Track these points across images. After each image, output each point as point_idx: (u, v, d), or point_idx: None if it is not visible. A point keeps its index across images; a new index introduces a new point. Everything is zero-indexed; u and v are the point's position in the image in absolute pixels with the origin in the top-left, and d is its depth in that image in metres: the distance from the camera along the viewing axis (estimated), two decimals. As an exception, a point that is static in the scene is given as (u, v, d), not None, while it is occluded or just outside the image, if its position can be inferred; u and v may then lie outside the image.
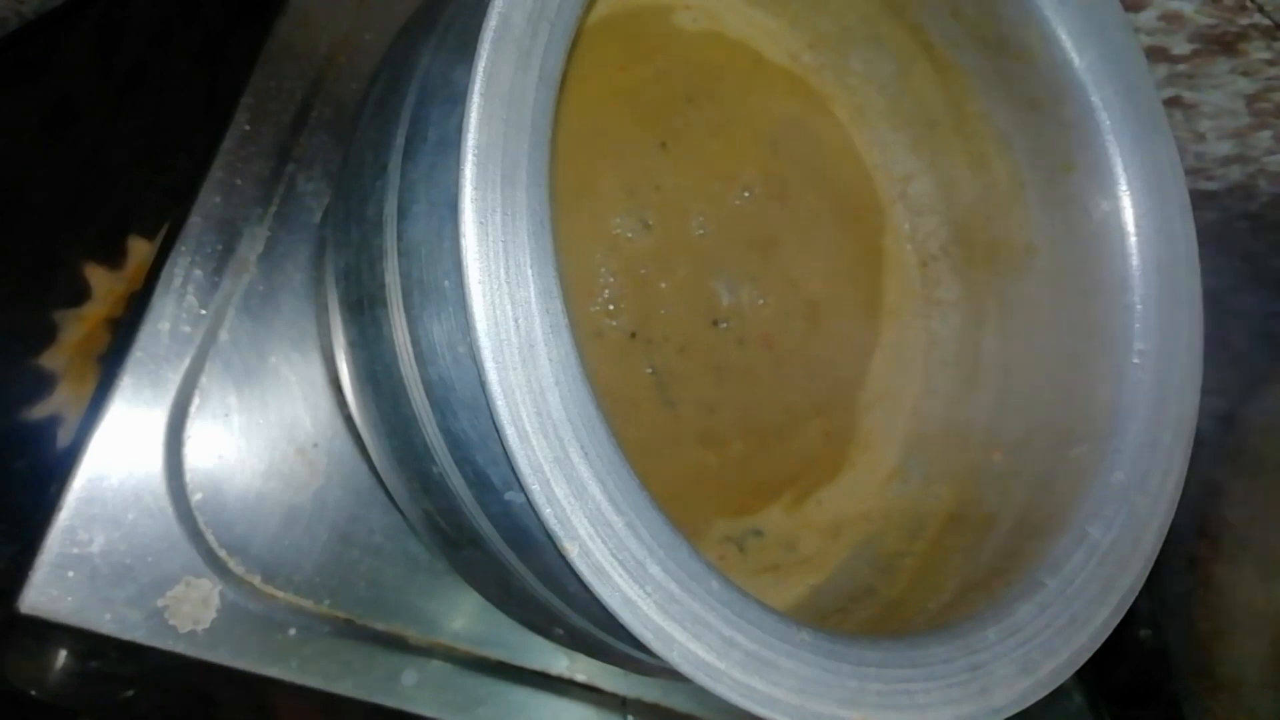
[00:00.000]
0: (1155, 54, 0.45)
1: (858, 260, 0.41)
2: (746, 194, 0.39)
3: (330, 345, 0.31)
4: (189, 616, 0.33)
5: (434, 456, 0.24)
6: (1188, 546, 0.47)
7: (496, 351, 0.21)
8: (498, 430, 0.21)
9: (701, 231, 0.38)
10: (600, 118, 0.36)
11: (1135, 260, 0.33)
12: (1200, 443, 0.32)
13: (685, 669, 0.22)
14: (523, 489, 0.21)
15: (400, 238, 0.24)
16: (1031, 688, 0.26)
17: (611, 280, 0.35)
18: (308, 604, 0.35)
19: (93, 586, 0.31)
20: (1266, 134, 0.49)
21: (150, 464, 0.33)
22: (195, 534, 0.33)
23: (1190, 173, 0.52)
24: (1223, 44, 0.44)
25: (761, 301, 0.39)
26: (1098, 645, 0.28)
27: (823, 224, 0.40)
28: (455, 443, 0.24)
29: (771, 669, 0.23)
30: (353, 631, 0.35)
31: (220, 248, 0.35)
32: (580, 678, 0.40)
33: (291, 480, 0.35)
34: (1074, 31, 0.33)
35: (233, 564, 0.34)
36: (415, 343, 0.24)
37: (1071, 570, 0.28)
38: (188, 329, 0.34)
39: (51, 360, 0.41)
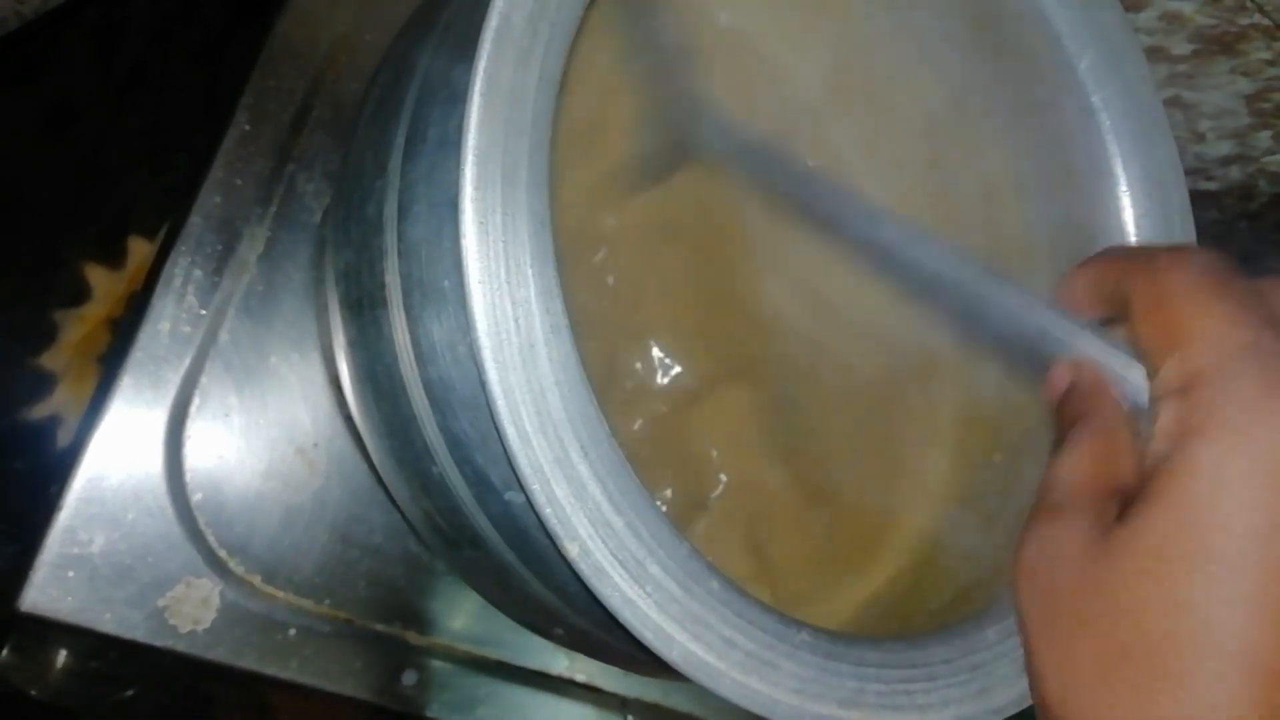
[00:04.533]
0: (1155, 54, 0.45)
1: (858, 260, 0.41)
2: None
3: (330, 345, 0.31)
4: (189, 616, 0.33)
5: (434, 456, 0.24)
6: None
7: (496, 351, 0.20)
8: (498, 430, 0.21)
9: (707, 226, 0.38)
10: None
11: (1135, 260, 0.33)
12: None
13: (685, 669, 0.22)
14: (523, 489, 0.21)
15: (400, 238, 0.24)
16: (1031, 688, 0.26)
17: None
18: (308, 604, 0.35)
19: (93, 586, 0.31)
20: (1266, 134, 0.49)
21: (150, 464, 0.33)
22: (195, 534, 0.33)
23: (1190, 173, 0.52)
24: (1223, 44, 0.44)
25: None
26: (1097, 645, 0.28)
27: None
28: (455, 443, 0.24)
29: (771, 669, 0.22)
30: (353, 631, 0.35)
31: (220, 248, 0.35)
32: (580, 678, 0.40)
33: (291, 480, 0.35)
34: (1074, 32, 0.33)
35: (233, 564, 0.34)
36: (415, 343, 0.24)
37: (1071, 570, 0.28)
38: (188, 329, 0.34)
39: (51, 360, 0.41)
